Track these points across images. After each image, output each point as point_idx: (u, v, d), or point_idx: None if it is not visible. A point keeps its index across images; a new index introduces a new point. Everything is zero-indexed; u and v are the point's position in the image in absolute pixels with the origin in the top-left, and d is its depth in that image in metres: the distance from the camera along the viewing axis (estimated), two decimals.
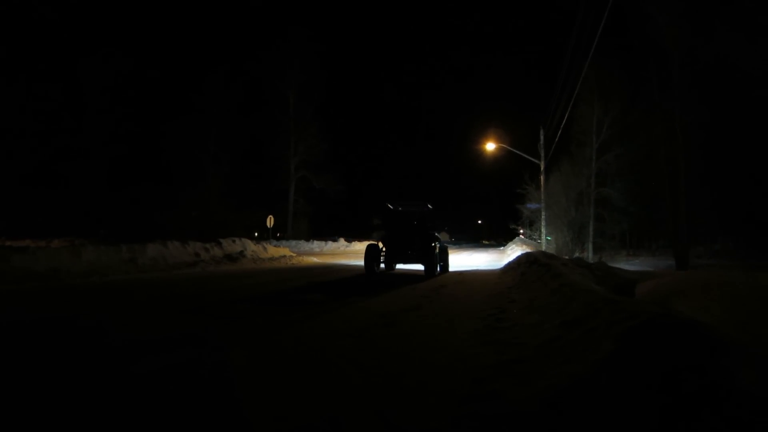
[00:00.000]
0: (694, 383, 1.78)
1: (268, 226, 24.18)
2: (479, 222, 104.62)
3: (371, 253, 12.91)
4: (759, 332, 4.75)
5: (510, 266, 14.06)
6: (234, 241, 16.90)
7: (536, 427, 2.29)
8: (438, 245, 13.40)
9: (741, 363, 1.86)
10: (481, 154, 26.18)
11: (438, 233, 14.13)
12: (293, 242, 31.77)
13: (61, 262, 10.23)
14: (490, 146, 24.44)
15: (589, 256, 23.93)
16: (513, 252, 29.61)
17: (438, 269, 13.04)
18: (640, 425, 1.75)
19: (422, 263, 12.63)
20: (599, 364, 2.44)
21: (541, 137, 22.43)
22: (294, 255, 19.55)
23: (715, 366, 1.83)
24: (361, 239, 38.83)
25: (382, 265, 13.50)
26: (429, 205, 14.12)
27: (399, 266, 14.38)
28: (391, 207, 14.34)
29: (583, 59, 13.44)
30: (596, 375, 2.35)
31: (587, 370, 2.47)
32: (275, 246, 21.02)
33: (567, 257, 16.58)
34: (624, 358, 2.33)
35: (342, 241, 35.41)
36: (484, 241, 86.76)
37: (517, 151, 23.45)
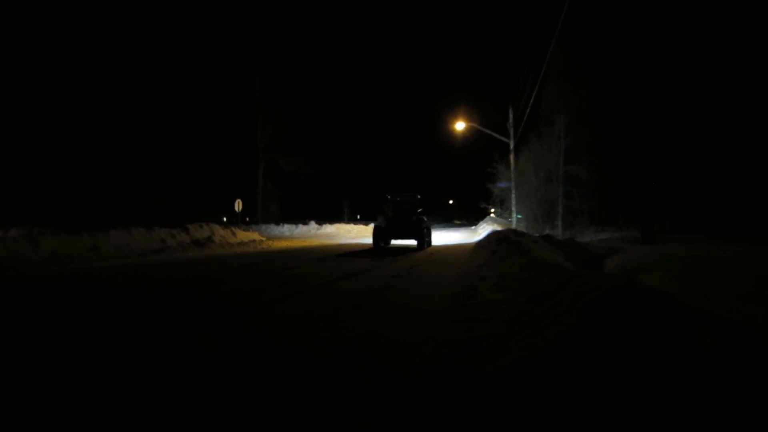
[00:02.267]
0: (649, 348, 1.84)
1: (237, 210, 23.85)
2: (450, 202, 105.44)
3: (377, 233, 16.96)
4: (719, 300, 4.93)
5: (481, 245, 14.26)
6: (201, 227, 16.67)
7: (502, 398, 2.34)
8: (425, 225, 17.10)
9: (696, 328, 1.93)
10: (451, 134, 26.25)
11: (425, 217, 17.81)
12: (263, 226, 31.51)
13: (19, 251, 9.93)
14: (460, 126, 24.50)
15: (559, 233, 24.42)
16: (484, 231, 29.97)
17: (426, 244, 16.95)
18: (598, 391, 1.81)
19: (415, 239, 16.66)
20: (563, 336, 2.50)
21: (510, 116, 22.60)
22: (264, 239, 19.41)
23: (670, 331, 1.89)
24: (332, 221, 38.72)
25: (394, 241, 18.08)
26: (418, 196, 18.55)
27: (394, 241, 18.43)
28: (390, 197, 18.71)
29: (551, 37, 13.54)
30: (560, 346, 2.41)
31: (552, 342, 2.53)
32: (244, 230, 20.81)
33: (537, 234, 16.86)
34: (586, 329, 2.39)
35: (313, 224, 35.19)
36: (455, 221, 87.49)
37: (487, 131, 23.58)
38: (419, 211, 17.81)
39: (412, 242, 17.78)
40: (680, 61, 20.54)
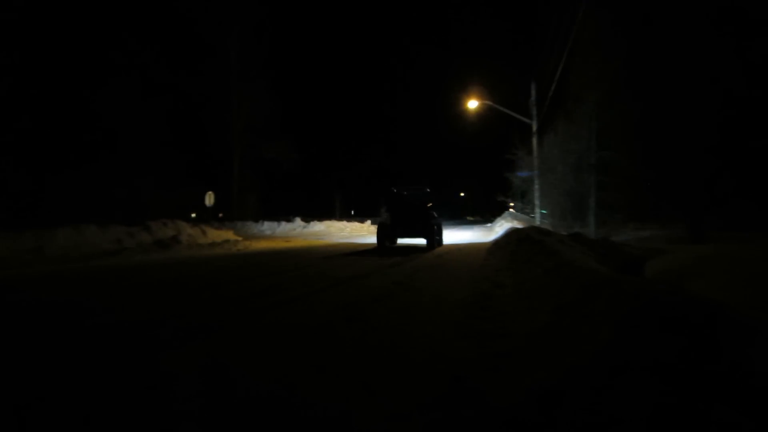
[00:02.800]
0: (705, 370, 1.80)
1: (208, 204, 23.87)
2: (462, 195, 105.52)
3: (382, 231, 17.92)
4: None
5: (497, 245, 14.25)
6: (166, 224, 16.65)
7: (523, 429, 2.31)
8: (435, 222, 17.99)
9: (765, 348, 1.89)
10: (463, 117, 26.26)
11: (435, 213, 18.66)
12: (239, 224, 31.49)
13: None
14: (473, 104, 24.46)
15: (591, 231, 24.39)
16: (501, 229, 29.94)
17: (436, 243, 17.76)
18: (639, 425, 1.77)
19: (424, 237, 17.53)
20: (595, 355, 2.47)
21: (533, 92, 22.58)
22: (240, 239, 19.40)
23: (731, 350, 1.85)
24: (321, 218, 38.74)
25: (402, 240, 19.23)
26: (428, 189, 19.27)
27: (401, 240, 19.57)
28: (396, 191, 19.57)
29: None
30: (591, 367, 2.37)
31: (581, 361, 2.50)
32: (217, 229, 20.78)
33: (564, 233, 16.83)
34: (623, 346, 2.36)
35: (299, 221, 35.20)
36: (468, 217, 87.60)
37: (504, 109, 23.56)
38: (429, 206, 18.53)
39: (421, 241, 19.03)
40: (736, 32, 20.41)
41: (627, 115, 25.16)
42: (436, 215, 18.83)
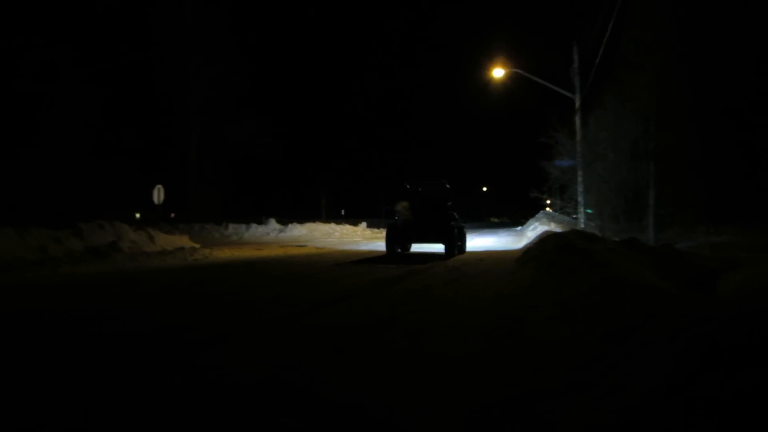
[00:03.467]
0: None
1: (156, 201, 23.86)
2: (484, 189, 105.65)
3: (392, 235, 18.95)
4: None
5: (530, 254, 14.25)
6: (102, 227, 16.65)
7: None
8: (456, 225, 18.89)
9: None
10: (486, 91, 26.37)
11: (455, 213, 19.67)
12: (196, 227, 31.56)
13: None
14: (499, 73, 24.49)
15: (650, 236, 24.39)
16: (534, 233, 29.96)
17: (456, 250, 18.62)
18: None
19: (442, 243, 18.47)
20: (653, 396, 2.46)
21: (575, 59, 22.58)
22: (197, 246, 19.39)
23: None
24: (303, 220, 38.78)
25: (417, 247, 20.76)
26: (447, 185, 20.24)
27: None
28: (409, 187, 20.40)
29: None
30: (651, 412, 2.36)
31: (638, 405, 2.49)
32: (168, 233, 20.79)
33: (616, 239, 16.82)
34: (691, 386, 2.34)
35: (273, 223, 35.26)
36: (492, 219, 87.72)
37: (539, 80, 23.58)
38: (448, 205, 19.53)
39: (439, 247, 19.73)
40: None
41: (698, 87, 25.14)
42: (457, 216, 19.74)
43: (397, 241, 19.18)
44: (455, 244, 18.50)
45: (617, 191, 26.21)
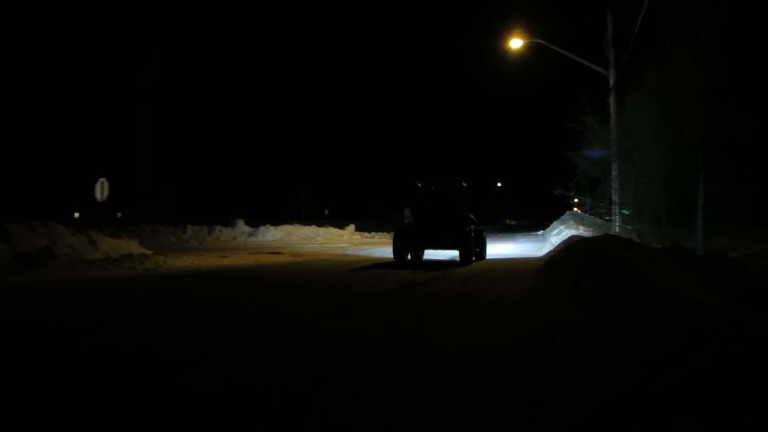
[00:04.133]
0: None
1: (99, 198, 23.73)
2: (498, 185, 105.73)
3: (401, 239, 19.72)
4: None
5: (553, 262, 14.24)
6: (33, 229, 16.59)
7: None
8: (473, 228, 20.29)
9: None
10: (502, 67, 26.44)
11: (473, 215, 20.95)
12: (148, 229, 31.48)
13: None
14: (516, 44, 24.49)
15: (699, 243, 24.41)
16: (559, 238, 29.98)
17: (474, 256, 20.00)
18: None
19: (457, 249, 19.67)
20: None
21: (609, 27, 22.60)
22: (149, 253, 19.32)
23: None
24: (278, 221, 38.74)
25: (430, 254, 21.79)
26: (464, 183, 21.00)
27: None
28: (421, 185, 21.35)
29: None
30: None
31: None
32: (114, 236, 20.72)
33: (658, 246, 16.82)
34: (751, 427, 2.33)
35: (241, 226, 35.25)
36: (508, 221, 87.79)
37: (566, 52, 23.59)
38: (464, 206, 20.58)
39: (453, 253, 21.16)
40: None
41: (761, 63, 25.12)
42: (474, 219, 21.07)
43: (406, 247, 19.91)
44: (472, 249, 19.66)
45: (659, 188, 26.17)
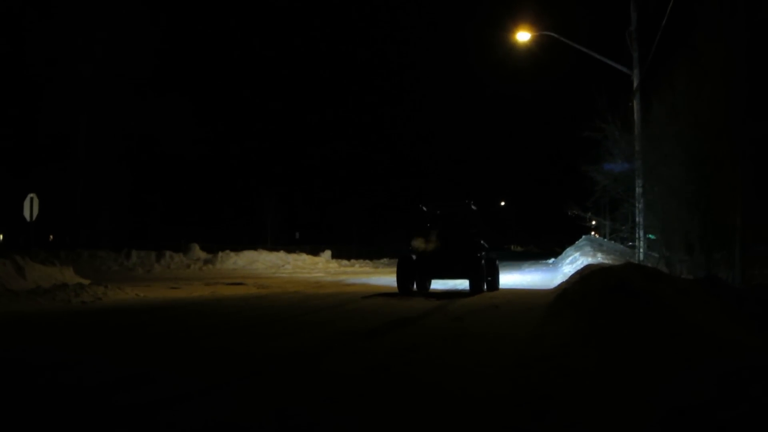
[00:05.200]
0: None
1: (28, 218, 23.69)
2: (501, 204, 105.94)
3: (405, 269, 20.89)
4: None
5: (566, 298, 14.23)
6: None
7: None
8: (484, 256, 21.41)
9: None
10: (508, 66, 26.59)
11: (484, 241, 22.21)
12: (86, 255, 31.40)
13: None
14: (524, 37, 24.67)
15: (737, 274, 24.42)
16: (572, 267, 30.08)
17: (485, 286, 20.97)
18: None
19: (467, 278, 20.83)
20: None
21: (634, 16, 22.76)
22: (86, 283, 19.25)
23: None
24: (238, 247, 38.67)
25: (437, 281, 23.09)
26: (473, 206, 22.41)
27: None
28: (426, 209, 22.79)
29: None
30: None
31: None
32: (45, 263, 20.64)
33: (690, 277, 16.86)
34: None
35: (197, 251, 35.17)
36: (513, 247, 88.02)
37: (581, 47, 23.75)
38: (474, 232, 21.92)
39: (462, 283, 22.20)
40: None
41: None
42: (486, 246, 22.32)
43: (411, 276, 21.15)
44: (483, 278, 20.67)
45: (692, 209, 26.18)
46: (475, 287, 20.19)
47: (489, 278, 21.59)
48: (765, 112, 22.67)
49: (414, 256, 21.20)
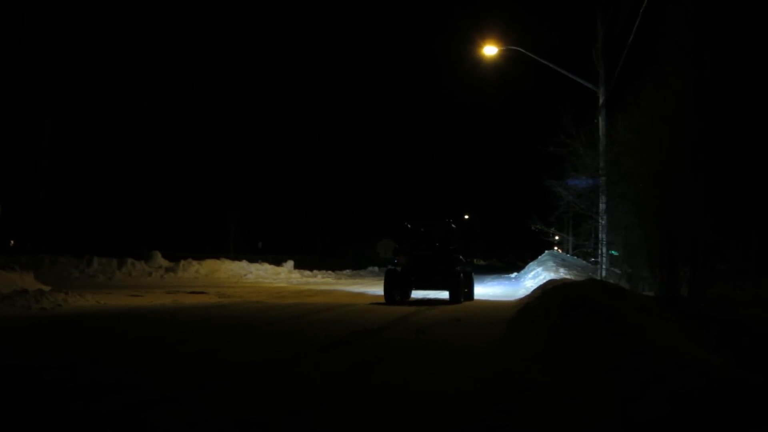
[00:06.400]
0: None
1: None
2: (465, 218, 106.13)
3: (392, 280, 22.71)
4: None
5: (527, 313, 14.30)
6: None
7: None
8: (462, 269, 23.27)
9: None
10: (474, 78, 26.69)
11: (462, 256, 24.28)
12: (47, 260, 31.22)
13: None
14: (491, 51, 24.80)
15: (697, 292, 24.57)
16: (535, 282, 30.18)
17: (462, 297, 22.69)
18: None
19: (447, 289, 22.65)
20: None
21: (600, 34, 22.92)
22: (47, 289, 19.13)
23: None
24: (201, 256, 38.52)
25: (419, 293, 25.09)
26: (453, 225, 25.20)
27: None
28: (411, 227, 25.38)
29: None
30: None
31: None
32: (5, 269, 20.50)
33: (651, 294, 16.96)
34: None
35: (158, 259, 35.03)
36: (476, 261, 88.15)
37: (547, 62, 23.91)
38: (453, 248, 23.99)
39: (443, 294, 23.63)
40: None
41: None
42: (464, 260, 24.33)
43: (397, 287, 22.92)
44: (461, 290, 22.54)
45: (653, 226, 26.31)
46: (454, 297, 22.04)
47: (466, 290, 23.43)
48: (725, 132, 22.86)
49: (399, 269, 23.14)
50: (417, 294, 25.46)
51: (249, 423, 6.06)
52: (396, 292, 22.82)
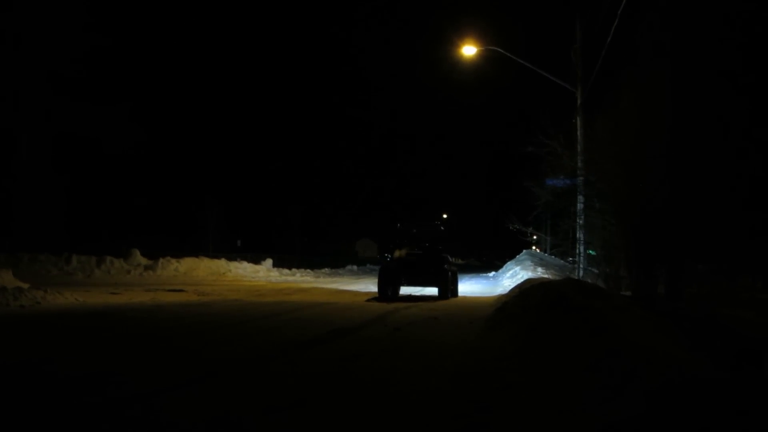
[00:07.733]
0: None
1: None
2: (444, 217, 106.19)
3: (385, 277, 24.69)
4: None
5: (505, 312, 14.30)
6: None
7: None
8: (449, 268, 25.36)
9: None
10: (452, 78, 26.76)
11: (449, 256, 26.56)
12: (25, 258, 31.32)
13: None
14: (470, 51, 24.80)
15: (675, 292, 24.63)
16: (513, 281, 30.20)
17: (449, 293, 24.66)
18: None
19: (436, 286, 24.43)
20: None
21: (579, 34, 22.95)
22: (25, 287, 19.03)
23: None
24: (179, 254, 38.40)
25: (411, 289, 26.79)
26: (441, 226, 27.86)
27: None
28: (402, 227, 27.43)
29: None
30: None
31: None
32: None
33: (628, 294, 16.99)
34: None
35: (137, 257, 34.91)
36: (454, 260, 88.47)
37: (526, 63, 23.92)
38: (440, 248, 25.96)
39: (432, 290, 25.43)
40: None
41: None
42: (451, 259, 26.16)
43: (389, 283, 24.85)
44: (449, 287, 24.41)
45: (630, 226, 26.35)
46: (442, 293, 23.92)
47: (452, 287, 25.21)
48: (703, 131, 22.89)
49: (392, 267, 25.16)
50: (404, 290, 26.60)
51: (224, 421, 6.06)
52: (389, 288, 24.60)
